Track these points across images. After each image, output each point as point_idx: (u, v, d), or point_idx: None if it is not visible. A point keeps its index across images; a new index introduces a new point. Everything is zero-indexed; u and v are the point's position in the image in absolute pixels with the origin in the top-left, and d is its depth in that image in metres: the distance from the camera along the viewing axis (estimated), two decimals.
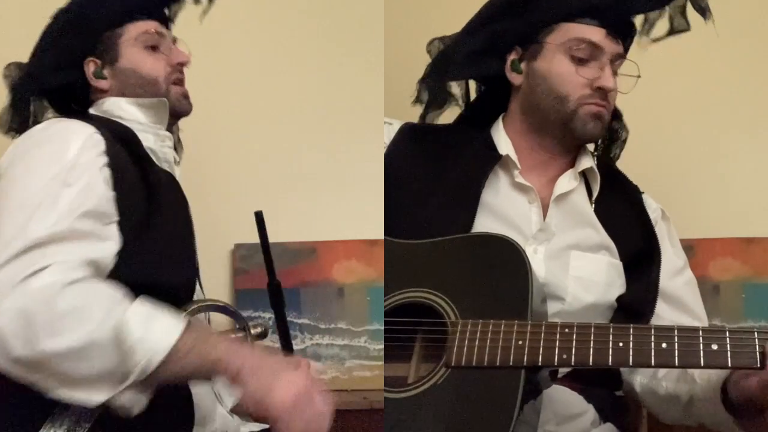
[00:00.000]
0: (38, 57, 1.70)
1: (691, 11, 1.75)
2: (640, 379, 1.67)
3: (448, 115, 1.92)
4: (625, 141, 1.83)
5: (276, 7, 2.42)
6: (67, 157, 1.45)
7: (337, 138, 2.38)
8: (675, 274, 1.72)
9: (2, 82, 1.76)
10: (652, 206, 1.77)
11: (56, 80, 1.69)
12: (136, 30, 1.68)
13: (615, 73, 1.69)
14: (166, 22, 1.75)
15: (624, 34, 1.70)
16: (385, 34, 2.28)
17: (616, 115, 1.81)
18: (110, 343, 1.29)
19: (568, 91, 1.66)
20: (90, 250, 1.39)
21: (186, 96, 1.72)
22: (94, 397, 1.31)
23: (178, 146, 1.79)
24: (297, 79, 2.39)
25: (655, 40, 1.75)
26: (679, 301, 1.69)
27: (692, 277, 1.76)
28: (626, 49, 1.73)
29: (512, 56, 1.73)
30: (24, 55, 1.74)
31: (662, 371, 1.64)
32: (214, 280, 2.30)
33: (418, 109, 1.91)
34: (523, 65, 1.73)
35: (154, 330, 1.31)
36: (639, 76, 1.71)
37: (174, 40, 1.74)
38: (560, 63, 1.67)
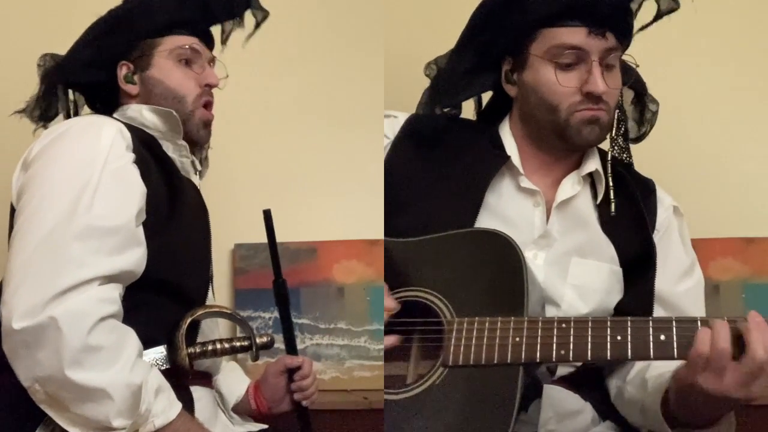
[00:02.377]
0: (74, 52, 1.71)
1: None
2: (614, 382, 1.66)
3: None
4: (655, 114, 1.76)
5: (276, 7, 2.42)
6: (101, 144, 1.47)
7: (338, 138, 2.39)
8: (681, 277, 1.69)
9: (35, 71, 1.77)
10: (665, 203, 1.74)
11: (86, 76, 1.70)
12: (173, 43, 1.68)
13: (611, 67, 1.63)
14: (208, 41, 1.76)
15: (610, 27, 1.60)
16: (385, 34, 2.29)
17: (641, 92, 1.76)
18: (126, 395, 1.34)
19: (557, 100, 1.61)
20: (127, 258, 1.42)
21: (207, 124, 1.71)
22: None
23: (204, 163, 1.80)
24: (297, 80, 2.40)
25: (642, 27, 1.67)
26: (678, 308, 1.66)
27: (699, 279, 1.72)
28: (625, 38, 1.64)
29: (505, 67, 1.70)
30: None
31: (630, 374, 1.62)
32: (215, 280, 2.29)
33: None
34: (515, 76, 1.69)
35: (158, 402, 1.38)
36: (638, 66, 1.67)
37: (212, 60, 1.74)
38: (545, 73, 1.62)
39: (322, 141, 2.39)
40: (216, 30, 1.81)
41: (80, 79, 1.72)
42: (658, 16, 1.67)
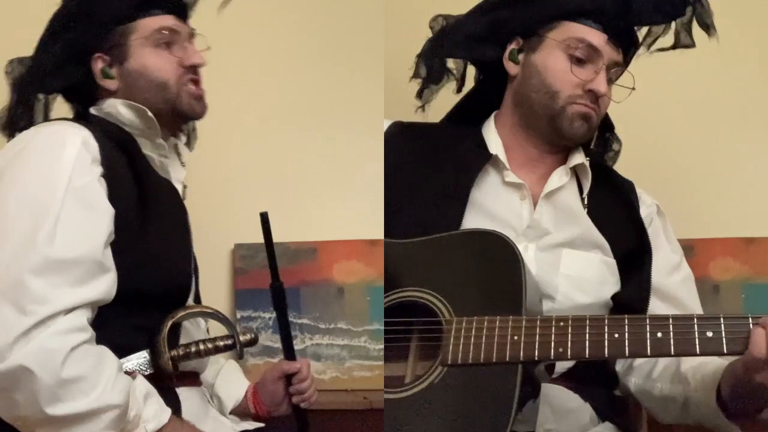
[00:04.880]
0: (42, 51, 1.61)
1: (696, 26, 1.77)
2: (634, 380, 1.68)
3: (444, 94, 1.91)
4: (618, 153, 1.84)
5: (276, 7, 2.42)
6: (64, 161, 1.40)
7: (338, 138, 2.39)
8: (671, 270, 1.72)
9: (3, 78, 1.68)
10: (647, 202, 1.77)
11: (60, 81, 1.61)
12: (149, 27, 1.57)
13: (611, 81, 1.70)
14: (184, 13, 1.64)
15: (625, 44, 1.70)
16: (385, 34, 2.29)
17: (609, 127, 1.82)
18: (111, 415, 1.32)
19: (560, 87, 1.67)
20: (92, 288, 1.36)
21: (199, 97, 1.61)
22: None
23: (192, 134, 1.76)
24: (297, 80, 2.39)
25: (659, 49, 1.77)
26: (675, 298, 1.70)
27: (689, 273, 1.76)
28: (627, 61, 1.73)
29: (512, 46, 1.74)
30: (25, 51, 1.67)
31: (657, 371, 1.65)
32: (214, 280, 2.30)
33: (419, 113, 1.91)
34: (521, 56, 1.73)
35: (148, 408, 1.37)
36: (633, 89, 1.73)
37: (191, 35, 1.63)
38: (557, 59, 1.68)
39: (322, 141, 2.39)
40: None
41: (54, 84, 1.62)
42: (675, 46, 1.78)
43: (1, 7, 2.24)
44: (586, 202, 1.72)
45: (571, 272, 1.64)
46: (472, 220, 1.65)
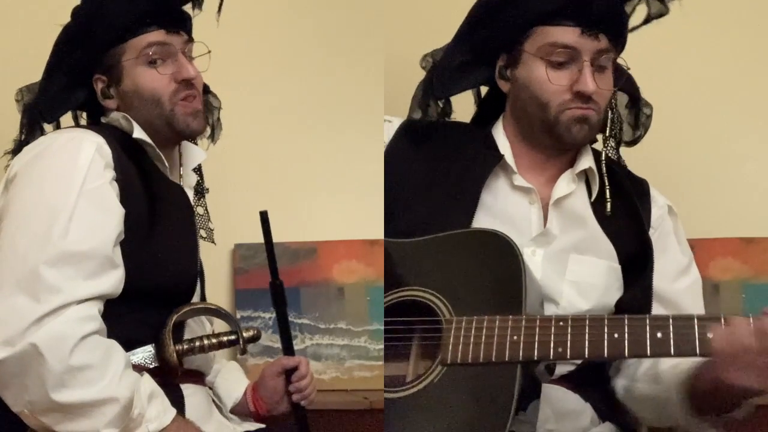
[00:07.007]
0: (48, 77, 1.67)
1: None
2: (621, 382, 1.67)
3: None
4: (650, 117, 1.77)
5: (276, 7, 2.43)
6: (78, 166, 1.45)
7: (337, 138, 2.39)
8: (677, 275, 1.71)
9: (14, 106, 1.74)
10: (659, 202, 1.75)
11: (66, 105, 1.68)
12: (138, 45, 1.60)
13: (604, 69, 1.65)
14: (176, 24, 1.64)
15: (603, 28, 1.62)
16: (385, 34, 2.29)
17: (636, 94, 1.77)
18: (116, 408, 1.35)
19: (548, 98, 1.63)
20: (103, 281, 1.42)
21: (195, 114, 1.63)
22: None
23: (217, 124, 1.80)
24: (297, 79, 2.40)
25: (632, 29, 1.70)
26: (677, 305, 1.67)
27: (696, 278, 1.74)
28: (619, 40, 1.67)
29: (500, 63, 1.72)
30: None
31: (640, 372, 1.64)
32: (214, 280, 2.29)
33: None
34: (508, 72, 1.71)
35: (151, 408, 1.39)
36: (629, 68, 1.69)
37: (186, 45, 1.64)
38: (537, 70, 1.64)
39: (322, 141, 2.39)
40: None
41: (61, 110, 1.68)
42: (648, 19, 1.70)
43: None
44: (594, 207, 1.70)
45: (576, 278, 1.63)
46: (481, 223, 1.63)
